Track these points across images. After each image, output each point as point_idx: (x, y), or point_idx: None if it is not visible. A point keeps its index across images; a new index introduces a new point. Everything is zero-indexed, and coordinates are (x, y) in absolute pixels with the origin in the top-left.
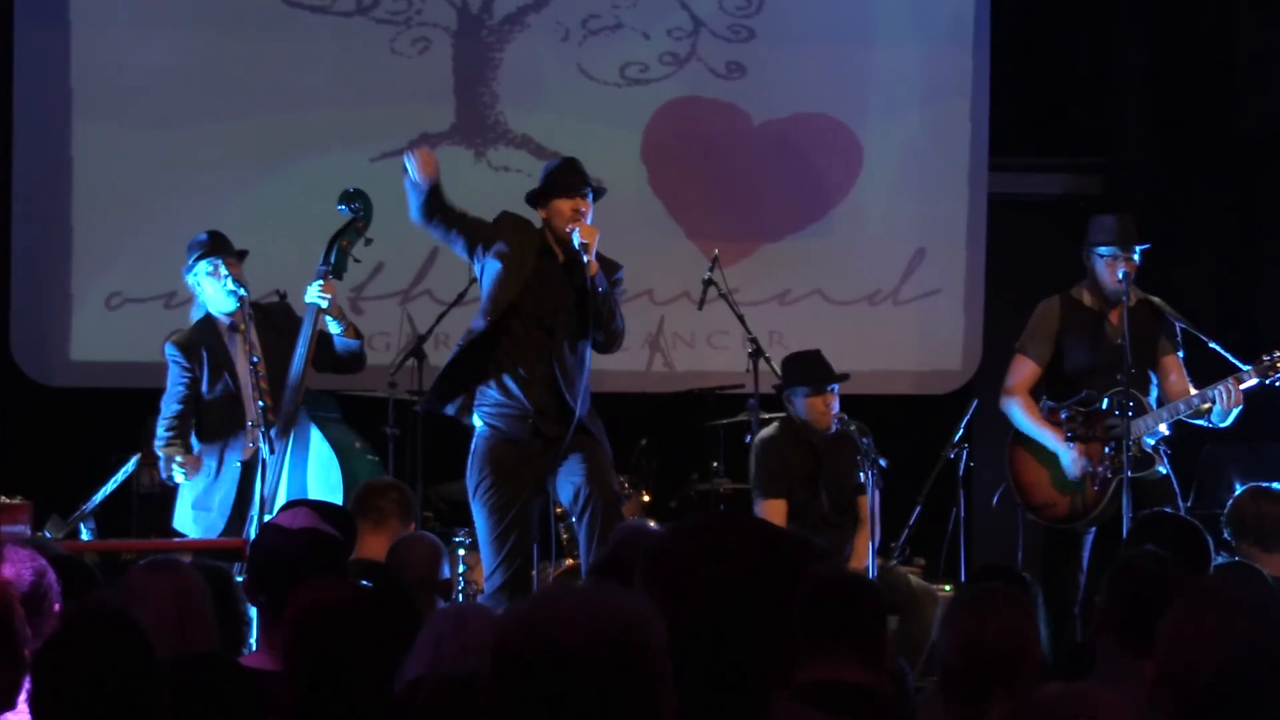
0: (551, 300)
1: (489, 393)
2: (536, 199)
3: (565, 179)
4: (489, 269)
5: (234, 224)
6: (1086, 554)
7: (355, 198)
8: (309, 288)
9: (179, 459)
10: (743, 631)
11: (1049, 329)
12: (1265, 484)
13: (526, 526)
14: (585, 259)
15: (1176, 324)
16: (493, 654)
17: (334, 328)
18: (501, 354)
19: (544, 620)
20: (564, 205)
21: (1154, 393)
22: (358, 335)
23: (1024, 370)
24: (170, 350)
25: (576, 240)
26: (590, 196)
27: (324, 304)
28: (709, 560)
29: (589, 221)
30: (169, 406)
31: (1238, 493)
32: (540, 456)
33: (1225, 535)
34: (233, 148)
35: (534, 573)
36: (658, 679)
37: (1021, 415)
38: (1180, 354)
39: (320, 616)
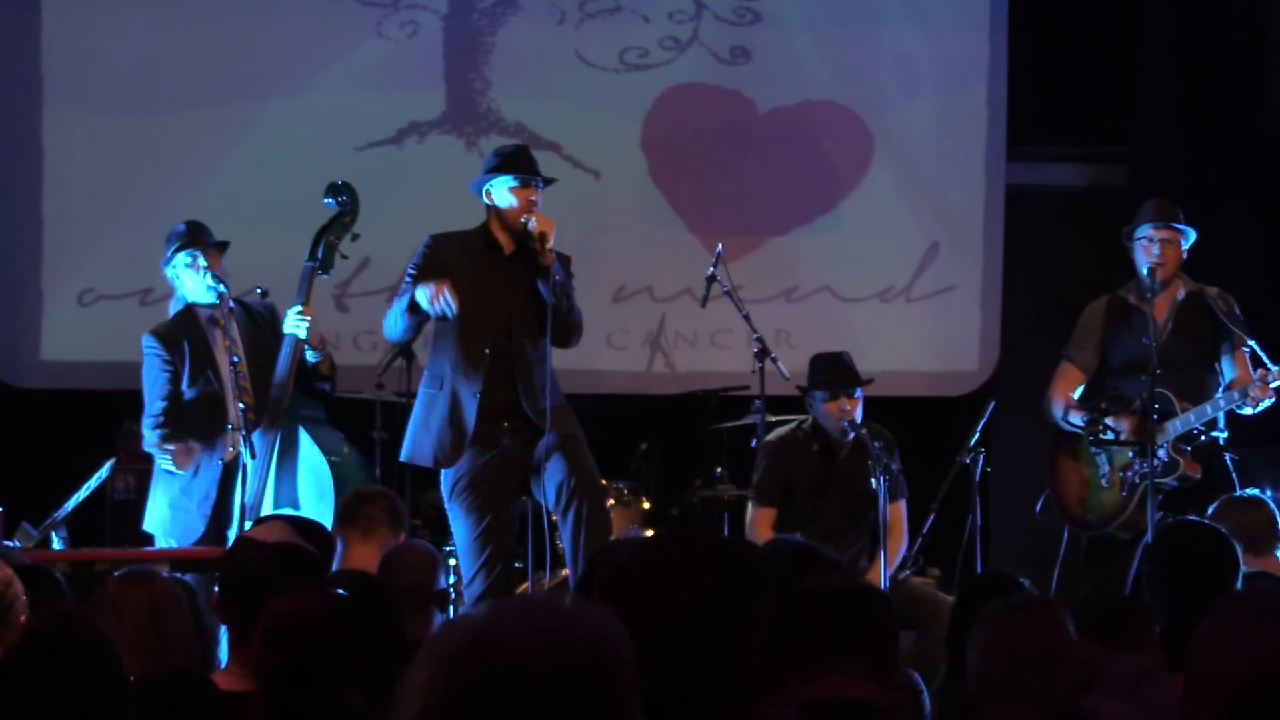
0: (500, 298)
1: (448, 402)
2: (482, 186)
3: (520, 168)
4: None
5: (213, 216)
6: (1135, 565)
7: (342, 190)
8: (288, 314)
9: (170, 446)
10: (705, 651)
11: (1093, 332)
12: (1237, 493)
13: (507, 529)
14: (541, 250)
15: (1228, 321)
16: (445, 674)
17: (310, 357)
18: (456, 364)
19: (500, 636)
20: (519, 194)
21: (1218, 394)
22: (333, 370)
23: (1067, 375)
24: (150, 342)
25: (534, 228)
26: (540, 187)
27: (302, 334)
28: (669, 577)
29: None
30: (155, 402)
31: (1211, 510)
32: (517, 457)
33: None
34: (212, 137)
35: (528, 584)
36: (625, 700)
37: (1062, 419)
38: (1246, 348)
39: (295, 626)
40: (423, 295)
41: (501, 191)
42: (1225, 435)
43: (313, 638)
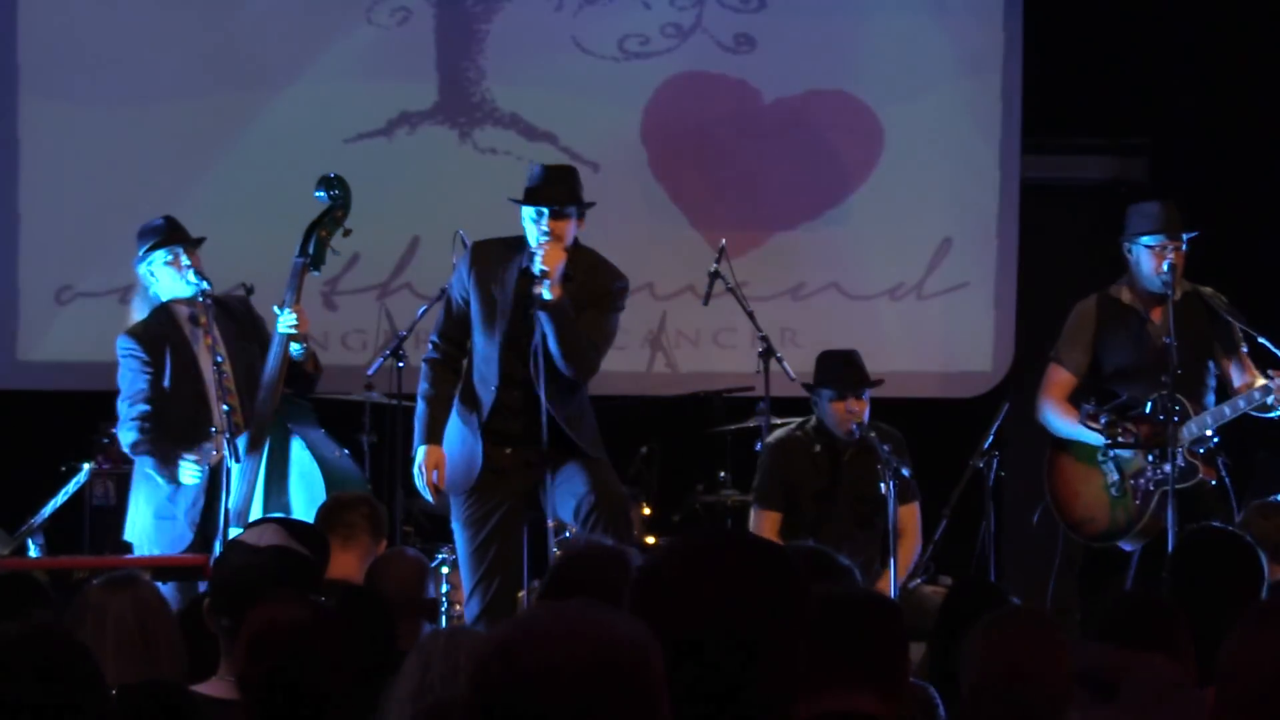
0: (523, 324)
1: (461, 416)
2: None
3: (541, 194)
4: (473, 307)
5: (197, 211)
6: (1131, 574)
7: (334, 184)
8: (279, 317)
9: (191, 456)
10: (740, 658)
11: (1085, 333)
12: (1273, 498)
13: (509, 542)
14: (537, 290)
15: (1230, 318)
16: (471, 681)
17: (295, 352)
18: (477, 387)
19: (527, 643)
20: (535, 227)
21: (1210, 396)
22: (317, 369)
23: (1058, 379)
24: (126, 343)
25: (536, 267)
26: (575, 213)
27: (295, 332)
28: (703, 580)
29: (572, 239)
30: (135, 406)
31: (1241, 513)
32: (525, 469)
33: None
34: (195, 128)
35: (522, 594)
36: (653, 708)
37: (1058, 420)
38: (1244, 348)
39: (277, 635)
40: (416, 469)
41: (526, 221)
42: (1217, 440)
43: (296, 648)
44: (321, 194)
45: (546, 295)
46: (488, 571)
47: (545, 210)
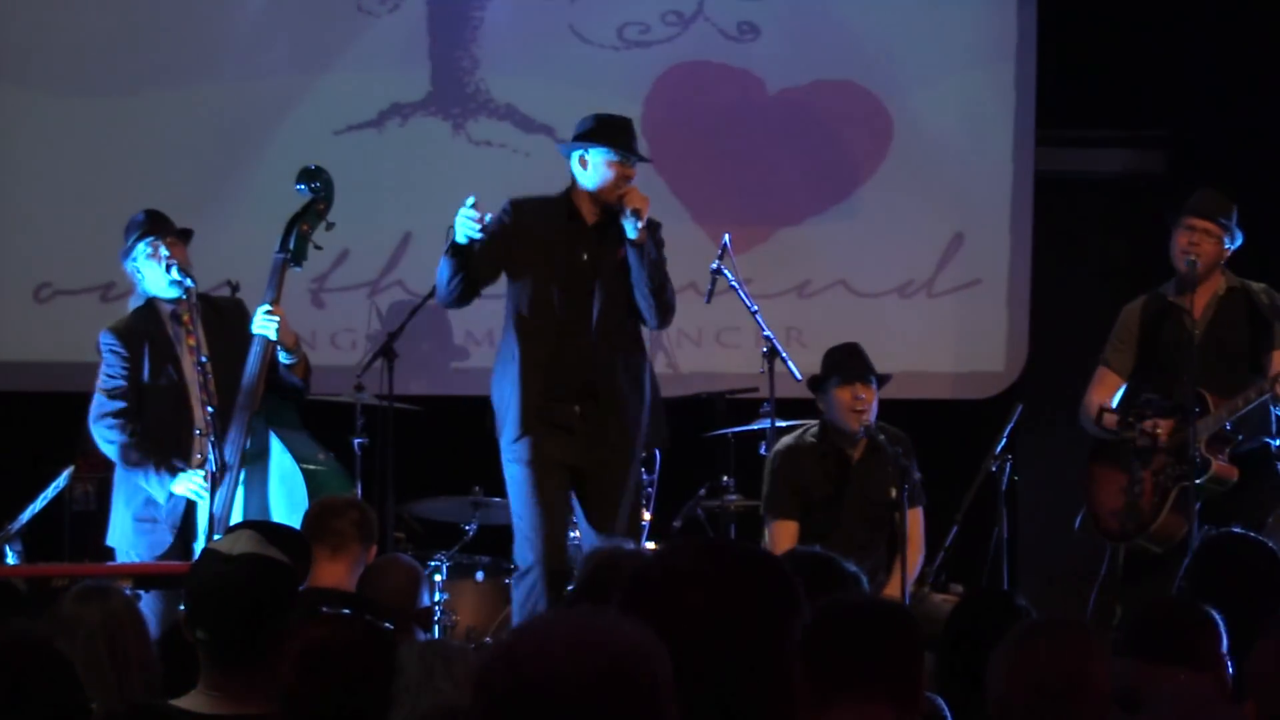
0: (581, 271)
1: (519, 361)
2: (574, 150)
3: (620, 140)
4: (514, 263)
5: (180, 205)
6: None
7: (315, 175)
8: (255, 314)
9: (197, 476)
10: (731, 668)
11: (1129, 332)
12: None
13: (559, 501)
14: (637, 225)
15: (1268, 313)
16: (475, 689)
17: (283, 359)
18: (524, 337)
19: (532, 651)
20: (616, 169)
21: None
22: (307, 373)
23: (1103, 381)
24: (107, 338)
25: (628, 208)
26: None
27: (271, 335)
28: (693, 588)
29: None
30: (111, 403)
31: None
32: (581, 435)
33: None
34: (178, 119)
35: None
36: (660, 717)
37: (1089, 424)
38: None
39: (330, 655)
40: (459, 223)
41: (598, 163)
42: (1278, 443)
43: (351, 672)
44: (302, 186)
45: (633, 234)
46: (545, 517)
47: (631, 157)
